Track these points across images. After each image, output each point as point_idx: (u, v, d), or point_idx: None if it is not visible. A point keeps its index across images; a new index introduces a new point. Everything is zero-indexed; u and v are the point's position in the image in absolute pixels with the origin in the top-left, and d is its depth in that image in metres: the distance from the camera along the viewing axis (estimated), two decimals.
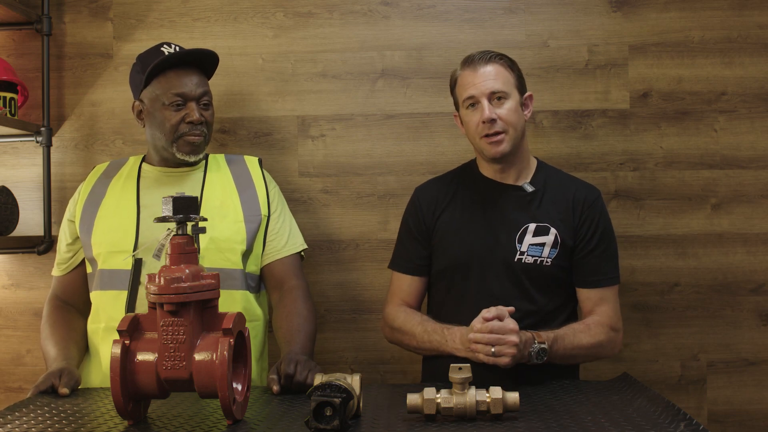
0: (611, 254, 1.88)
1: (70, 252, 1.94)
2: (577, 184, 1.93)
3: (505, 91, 1.82)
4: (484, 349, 1.62)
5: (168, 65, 1.87)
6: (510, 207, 1.87)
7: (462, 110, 1.88)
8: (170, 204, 1.34)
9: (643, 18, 2.24)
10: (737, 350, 2.23)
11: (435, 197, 1.95)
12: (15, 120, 2.16)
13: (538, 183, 1.89)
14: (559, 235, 1.83)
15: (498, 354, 1.62)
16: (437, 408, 1.37)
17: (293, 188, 2.27)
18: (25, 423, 1.38)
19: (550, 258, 1.83)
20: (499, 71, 1.83)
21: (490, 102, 1.80)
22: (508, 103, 1.82)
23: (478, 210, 1.90)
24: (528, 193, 1.87)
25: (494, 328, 1.62)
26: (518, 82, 1.87)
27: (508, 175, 1.90)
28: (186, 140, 1.87)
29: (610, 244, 1.89)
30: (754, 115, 2.23)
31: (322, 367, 1.69)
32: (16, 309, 2.31)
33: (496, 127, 1.80)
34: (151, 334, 1.35)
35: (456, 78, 1.89)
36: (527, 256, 1.83)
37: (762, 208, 2.23)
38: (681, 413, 1.36)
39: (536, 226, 1.84)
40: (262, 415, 1.43)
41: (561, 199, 1.88)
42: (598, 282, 1.86)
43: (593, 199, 1.89)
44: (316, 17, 2.28)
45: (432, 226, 1.93)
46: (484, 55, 1.84)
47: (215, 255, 1.84)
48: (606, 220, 1.89)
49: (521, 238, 1.84)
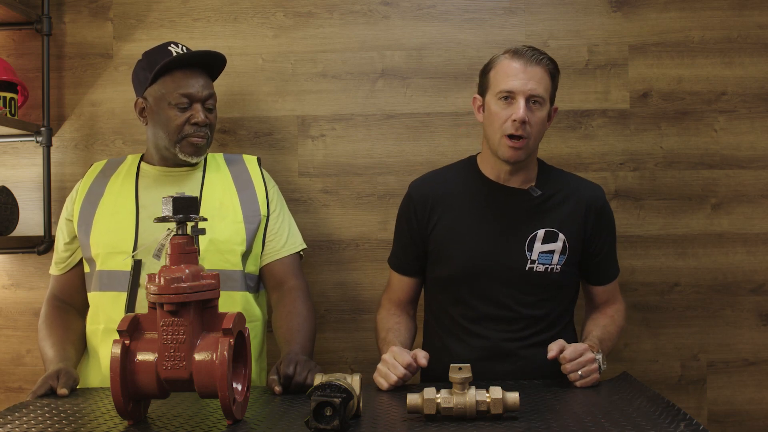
0: (615, 249, 1.92)
1: (68, 251, 1.93)
2: (582, 184, 1.89)
3: (544, 98, 1.75)
4: (575, 376, 1.63)
5: (176, 65, 1.87)
6: (517, 213, 1.82)
7: (491, 98, 1.78)
8: (170, 204, 1.34)
9: (643, 18, 2.24)
10: (737, 350, 2.24)
11: (433, 196, 1.88)
12: (15, 120, 2.16)
13: (543, 186, 1.85)
14: (568, 241, 1.81)
15: (586, 375, 1.63)
16: (437, 408, 1.37)
17: (293, 188, 2.27)
18: (25, 423, 1.38)
19: (560, 264, 1.81)
20: (543, 76, 1.75)
21: (527, 104, 1.73)
22: (541, 112, 1.76)
23: (483, 216, 1.84)
24: (535, 197, 1.83)
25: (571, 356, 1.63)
26: (553, 91, 1.80)
27: (514, 178, 1.84)
28: (189, 141, 1.87)
29: (615, 240, 1.92)
30: (754, 115, 2.23)
31: (322, 367, 1.70)
32: (16, 309, 2.31)
33: (523, 130, 1.73)
34: (151, 334, 1.35)
35: (497, 63, 1.78)
36: (538, 265, 1.80)
37: (762, 208, 2.23)
38: (681, 413, 1.36)
39: (545, 232, 1.81)
40: (262, 415, 1.43)
41: (568, 203, 1.84)
42: (611, 277, 1.91)
43: (602, 201, 1.87)
44: (316, 17, 2.28)
45: (429, 228, 1.87)
46: (536, 54, 1.76)
47: (215, 256, 1.84)
48: (612, 219, 1.91)
49: (531, 246, 1.80)
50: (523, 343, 1.81)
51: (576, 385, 1.63)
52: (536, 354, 1.76)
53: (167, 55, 1.86)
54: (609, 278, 1.91)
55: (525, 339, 1.81)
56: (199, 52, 1.90)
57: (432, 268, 1.89)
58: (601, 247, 1.86)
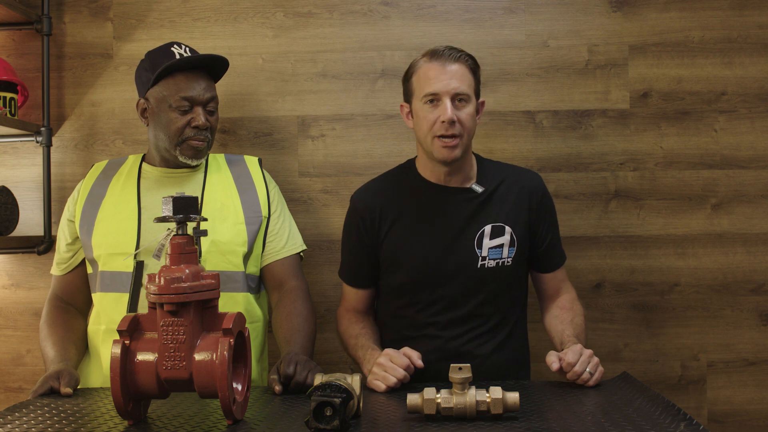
0: (558, 232, 1.93)
1: (70, 252, 1.93)
2: (519, 173, 1.90)
3: (468, 94, 1.76)
4: (586, 375, 1.62)
5: (177, 67, 1.86)
6: (462, 211, 1.83)
7: (417, 103, 1.79)
8: (170, 204, 1.34)
9: (643, 18, 2.24)
10: (737, 350, 2.24)
11: (378, 208, 1.87)
12: (15, 120, 2.16)
13: (484, 181, 1.85)
14: (515, 233, 1.83)
15: (594, 370, 1.62)
16: (437, 408, 1.37)
17: (293, 188, 2.27)
18: (25, 423, 1.38)
19: (510, 257, 1.83)
20: (464, 72, 1.76)
21: (453, 102, 1.74)
22: (468, 108, 1.76)
23: (429, 219, 1.83)
24: (478, 194, 1.83)
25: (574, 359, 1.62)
26: (477, 86, 1.80)
27: (455, 178, 1.83)
28: (190, 144, 1.86)
29: (557, 225, 1.93)
30: (754, 115, 2.23)
31: (322, 367, 1.69)
32: (16, 309, 2.31)
33: (454, 129, 1.73)
34: (151, 334, 1.35)
35: (417, 68, 1.79)
36: (489, 260, 1.81)
37: (762, 208, 2.23)
38: (681, 413, 1.36)
39: (491, 227, 1.82)
40: (262, 415, 1.43)
41: (510, 194, 1.85)
42: (559, 263, 1.92)
43: (542, 188, 1.89)
44: (316, 17, 2.28)
45: (380, 238, 1.86)
46: (453, 53, 1.76)
47: (217, 258, 1.84)
48: (552, 203, 1.93)
49: (479, 243, 1.81)
50: (478, 341, 1.82)
51: (589, 385, 1.62)
52: (491, 353, 1.80)
53: (170, 56, 1.86)
54: (556, 264, 1.92)
55: (479, 337, 1.82)
56: (200, 56, 1.90)
57: (385, 276, 1.89)
58: (546, 233, 1.88)
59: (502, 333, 1.84)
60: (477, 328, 1.82)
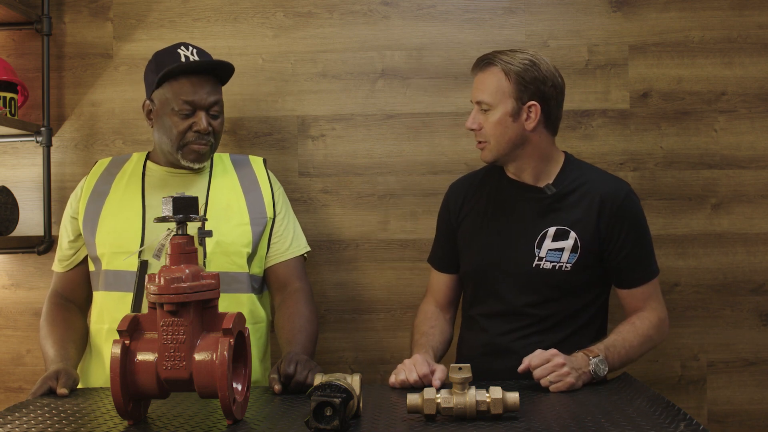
0: (647, 250, 1.84)
1: (72, 249, 1.92)
2: (604, 181, 1.85)
3: (489, 102, 1.78)
4: (545, 382, 1.59)
5: (181, 71, 1.84)
6: (530, 210, 1.84)
7: None
8: (170, 204, 1.34)
9: (643, 18, 2.24)
10: (737, 350, 2.24)
11: (463, 195, 1.95)
12: (15, 120, 2.16)
13: (562, 183, 1.84)
14: (579, 239, 1.79)
15: (555, 380, 1.58)
16: (437, 408, 1.37)
17: (293, 188, 2.27)
18: (25, 423, 1.38)
19: (570, 263, 1.79)
20: (491, 80, 1.78)
21: (481, 109, 1.80)
22: (493, 115, 1.78)
23: (499, 213, 1.87)
24: (549, 195, 1.83)
25: (537, 363, 1.60)
26: (517, 89, 1.77)
27: (524, 175, 1.86)
28: (191, 148, 1.86)
29: (644, 239, 1.83)
30: (754, 115, 2.23)
31: (322, 367, 1.70)
32: (16, 309, 2.31)
33: (477, 136, 1.82)
34: (151, 334, 1.35)
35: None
36: (545, 262, 1.80)
37: (762, 208, 2.23)
38: (681, 413, 1.36)
39: (555, 230, 1.80)
40: (262, 415, 1.43)
41: (585, 200, 1.81)
42: (636, 281, 1.82)
43: (622, 198, 1.80)
44: (316, 17, 2.28)
45: (457, 225, 1.94)
46: (480, 61, 1.82)
47: (222, 259, 1.84)
48: (636, 216, 1.82)
49: (540, 243, 1.80)
50: (524, 342, 1.80)
51: (551, 390, 1.59)
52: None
53: (175, 58, 1.84)
54: (636, 281, 1.82)
55: (526, 338, 1.81)
56: (205, 61, 1.88)
57: (461, 262, 1.95)
58: (622, 245, 1.80)
59: (555, 338, 1.79)
60: (525, 328, 1.81)
